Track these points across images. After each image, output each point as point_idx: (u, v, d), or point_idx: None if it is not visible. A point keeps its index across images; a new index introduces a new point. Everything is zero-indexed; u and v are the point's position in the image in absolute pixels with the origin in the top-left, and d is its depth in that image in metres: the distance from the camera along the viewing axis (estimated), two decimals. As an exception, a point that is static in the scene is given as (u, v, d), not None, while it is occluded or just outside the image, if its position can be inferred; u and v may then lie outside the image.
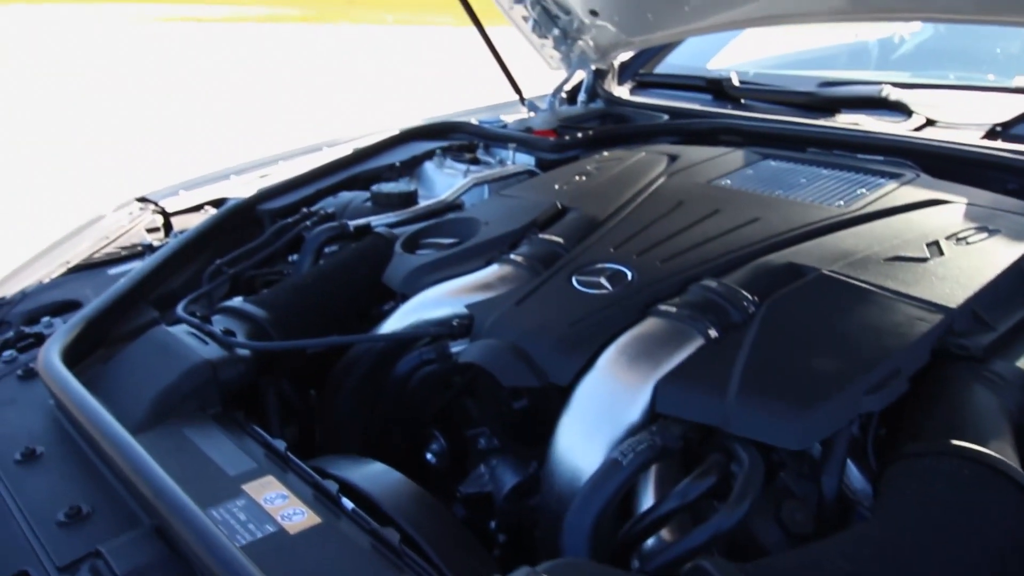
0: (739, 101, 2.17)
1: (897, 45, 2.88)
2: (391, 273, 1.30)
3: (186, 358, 1.07)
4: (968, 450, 0.80)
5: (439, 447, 1.22)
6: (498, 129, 2.03)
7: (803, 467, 0.90)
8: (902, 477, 0.81)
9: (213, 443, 0.97)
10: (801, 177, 1.47)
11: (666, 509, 0.84)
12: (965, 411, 0.88)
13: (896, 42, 2.89)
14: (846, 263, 1.10)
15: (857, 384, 0.87)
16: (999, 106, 1.74)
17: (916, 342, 0.93)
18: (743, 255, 1.16)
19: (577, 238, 1.29)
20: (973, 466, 0.79)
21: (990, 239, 1.16)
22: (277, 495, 0.86)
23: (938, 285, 1.03)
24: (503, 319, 1.09)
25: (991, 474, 0.78)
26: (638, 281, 1.12)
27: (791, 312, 1.01)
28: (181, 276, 1.45)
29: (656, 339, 1.00)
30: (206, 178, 1.90)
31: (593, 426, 0.95)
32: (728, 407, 0.88)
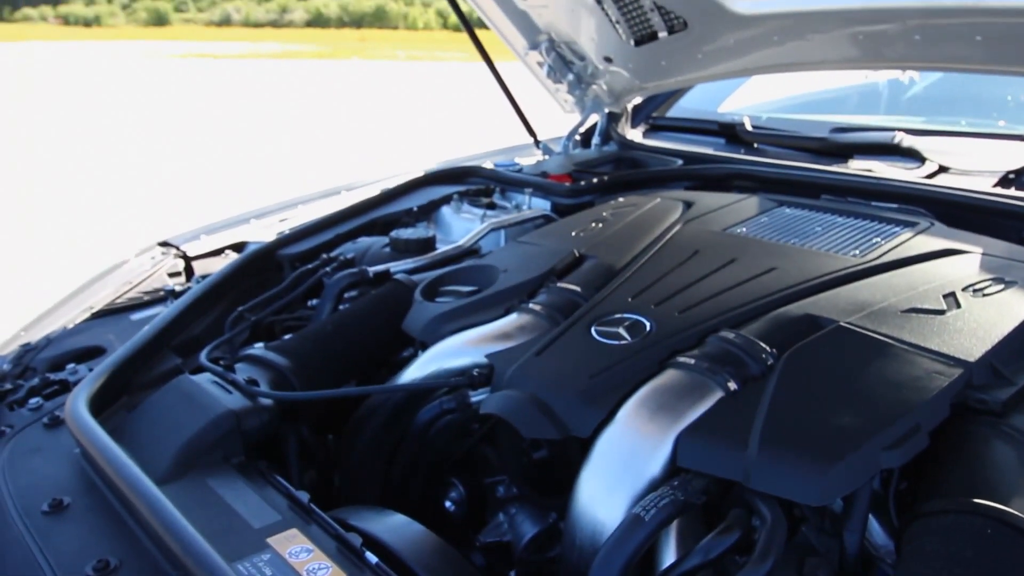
0: (752, 145, 2.20)
1: (907, 87, 2.91)
2: (411, 321, 1.32)
3: (210, 408, 1.08)
4: (991, 508, 0.80)
5: (458, 495, 1.23)
6: (514, 174, 2.06)
7: (824, 523, 0.91)
8: (924, 535, 0.81)
9: (237, 495, 0.98)
10: (816, 225, 1.49)
11: (689, 566, 0.84)
12: (986, 467, 0.88)
13: (906, 83, 2.93)
14: (863, 315, 1.11)
15: (877, 440, 0.88)
16: (1012, 153, 1.75)
17: (935, 397, 0.94)
18: (760, 306, 1.17)
19: (595, 287, 1.30)
20: (995, 525, 0.79)
21: (1007, 291, 1.17)
22: (302, 549, 0.87)
23: (956, 338, 1.04)
24: (523, 370, 1.10)
25: (1014, 533, 0.78)
26: (656, 332, 1.13)
27: (810, 365, 1.02)
28: (203, 322, 1.47)
29: (676, 391, 1.01)
30: (227, 222, 1.93)
31: (614, 479, 0.96)
32: (749, 462, 0.88)
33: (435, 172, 2.07)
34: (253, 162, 8.18)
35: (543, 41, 2.30)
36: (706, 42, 1.99)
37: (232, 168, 7.93)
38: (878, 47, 1.75)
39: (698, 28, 1.92)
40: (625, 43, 2.11)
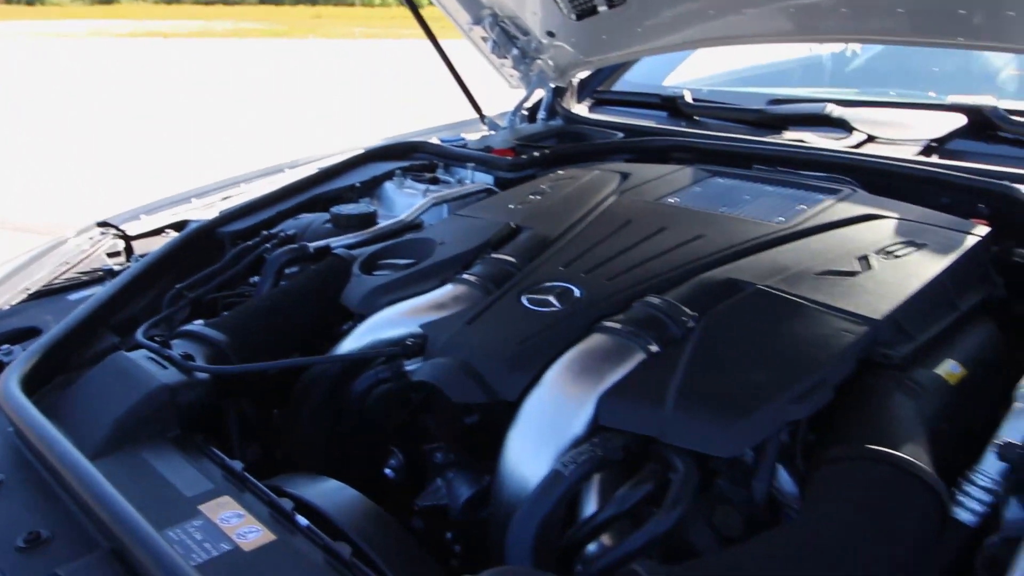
0: (692, 118, 2.24)
1: (849, 60, 2.98)
2: (348, 294, 1.34)
3: (144, 383, 1.09)
4: (884, 454, 0.86)
5: (397, 462, 1.26)
6: (457, 149, 2.07)
7: (737, 474, 0.95)
8: (824, 480, 0.86)
9: (171, 466, 0.99)
10: (745, 194, 1.53)
11: (605, 516, 0.88)
12: (885, 418, 0.94)
13: (848, 56, 2.99)
14: (781, 278, 1.16)
15: (784, 394, 0.93)
16: (936, 123, 1.82)
17: (841, 353, 0.99)
18: (686, 271, 1.21)
19: (529, 257, 1.33)
20: (888, 469, 0.84)
21: (916, 253, 1.22)
22: (233, 514, 0.89)
23: (865, 298, 1.09)
24: (454, 338, 1.13)
25: (903, 476, 0.84)
26: (585, 299, 1.17)
27: (727, 326, 1.07)
28: (142, 301, 1.47)
29: (600, 355, 1.05)
30: (167, 201, 1.92)
31: (539, 439, 0.99)
32: (665, 418, 0.93)
33: (378, 148, 2.08)
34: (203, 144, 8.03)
35: (486, 16, 2.31)
36: (645, 16, 2.01)
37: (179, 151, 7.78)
38: (810, 20, 1.80)
39: (637, 2, 1.95)
40: (567, 17, 2.13)
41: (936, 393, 1.00)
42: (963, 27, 1.57)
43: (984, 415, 0.98)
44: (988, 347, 1.16)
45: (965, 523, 0.88)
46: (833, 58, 3.03)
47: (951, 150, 1.76)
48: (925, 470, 0.85)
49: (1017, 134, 1.73)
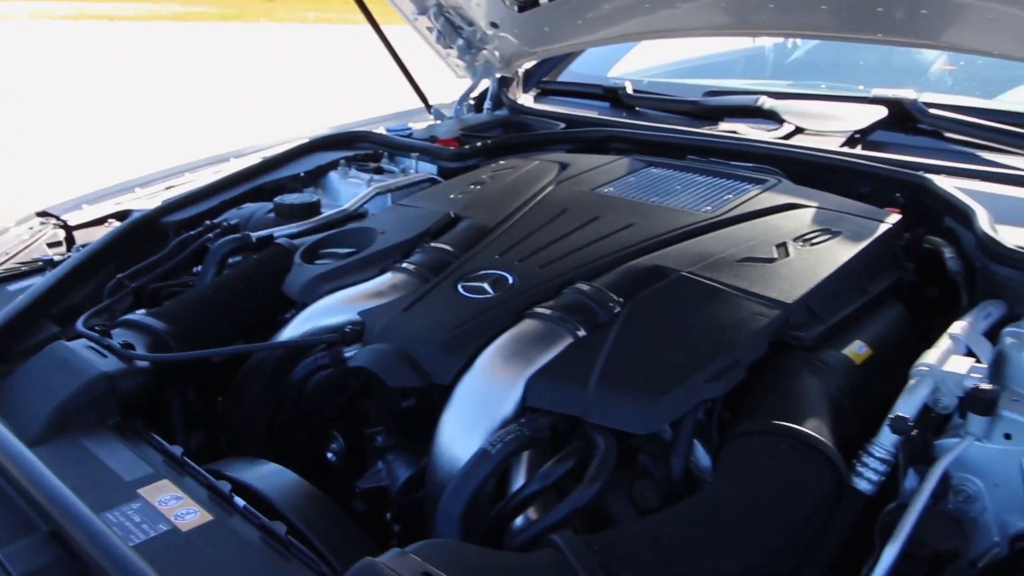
0: (633, 109, 2.29)
1: (790, 52, 3.07)
2: (290, 283, 1.37)
3: (84, 372, 1.11)
4: (787, 428, 0.92)
5: (338, 446, 1.29)
6: (401, 139, 2.10)
7: (656, 449, 1.01)
8: (732, 453, 0.93)
9: (111, 452, 1.02)
10: (677, 184, 1.60)
11: (530, 491, 0.93)
12: (791, 395, 1.00)
13: (789, 48, 3.08)
14: (704, 265, 1.22)
15: (700, 374, 0.99)
16: (860, 115, 1.90)
17: (755, 335, 1.05)
18: (615, 259, 1.27)
19: (466, 246, 1.37)
20: (790, 442, 0.91)
21: (831, 240, 1.30)
22: (171, 497, 0.92)
23: (780, 283, 1.16)
24: (391, 325, 1.17)
25: (804, 448, 0.91)
26: (518, 286, 1.22)
27: (650, 311, 1.12)
28: (83, 290, 1.48)
29: (529, 339, 1.10)
30: (109, 191, 1.91)
31: (471, 421, 1.04)
32: (587, 399, 0.98)
33: (323, 138, 2.09)
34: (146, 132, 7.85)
35: (431, 6, 2.33)
36: (585, 9, 2.06)
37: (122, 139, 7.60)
38: (742, 15, 1.86)
39: (576, -5, 1.99)
40: (509, 9, 2.16)
41: (841, 372, 1.08)
42: (882, 23, 1.65)
43: (889, 391, 1.06)
44: (895, 328, 1.24)
45: (862, 491, 0.95)
46: (775, 50, 3.12)
47: (873, 141, 1.85)
48: (824, 443, 0.92)
49: (934, 126, 1.82)
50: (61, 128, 8.13)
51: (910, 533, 0.88)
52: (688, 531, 0.82)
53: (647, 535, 0.82)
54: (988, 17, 1.49)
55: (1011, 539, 0.95)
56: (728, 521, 0.84)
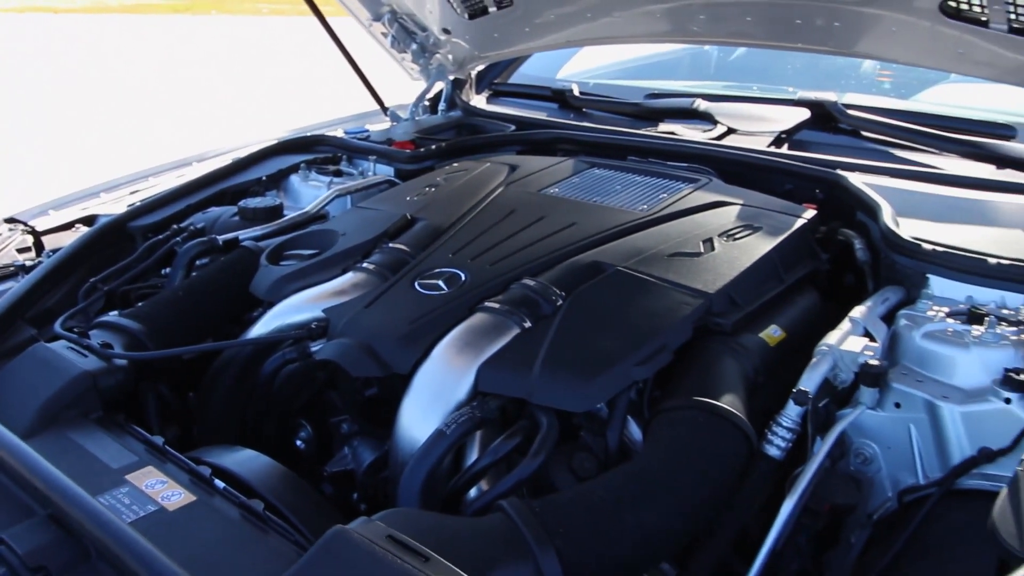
0: (580, 110, 2.42)
1: (731, 53, 3.22)
2: (257, 283, 1.46)
3: (66, 371, 1.19)
4: (705, 403, 1.06)
5: (307, 434, 1.40)
6: (359, 142, 2.19)
7: (594, 426, 1.14)
8: (657, 426, 1.06)
9: (97, 443, 1.11)
10: (617, 184, 1.72)
11: (482, 464, 1.05)
12: (711, 375, 1.14)
13: (730, 51, 3.23)
14: (637, 260, 1.35)
15: (630, 358, 1.11)
16: (786, 116, 2.05)
17: (680, 322, 1.18)
18: (558, 256, 1.39)
19: (422, 246, 1.48)
20: (707, 415, 1.04)
21: (753, 235, 1.43)
22: (157, 481, 1.02)
23: (704, 275, 1.29)
24: (354, 320, 1.27)
25: (719, 420, 1.04)
26: (470, 282, 1.33)
27: (589, 303, 1.25)
28: (56, 294, 1.55)
29: (480, 331, 1.21)
30: (76, 196, 1.97)
31: (428, 406, 1.15)
32: (532, 383, 1.10)
33: (283, 142, 2.17)
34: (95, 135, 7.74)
35: (385, 13, 2.42)
36: (532, 17, 2.17)
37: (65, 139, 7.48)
38: (677, 24, 1.99)
39: (523, 5, 2.10)
40: (461, 16, 2.26)
41: (757, 353, 1.21)
42: (802, 34, 1.80)
43: (802, 369, 1.19)
44: (809, 313, 1.38)
45: (772, 456, 1.09)
46: (718, 51, 3.27)
47: (798, 140, 2.00)
48: (736, 415, 1.05)
49: (852, 125, 1.97)
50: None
51: (809, 489, 1.02)
52: (617, 492, 0.95)
53: (582, 497, 0.95)
54: (891, 29, 1.64)
55: (900, 493, 1.09)
56: (652, 483, 0.96)
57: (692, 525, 0.98)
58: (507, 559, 0.86)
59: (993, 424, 1.05)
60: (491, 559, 0.85)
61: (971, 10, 1.52)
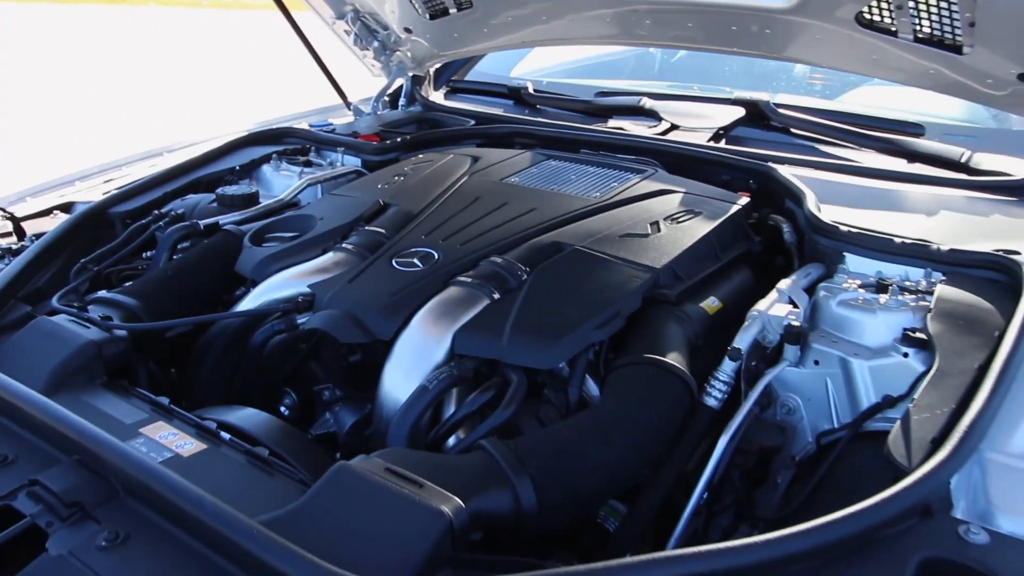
0: (534, 106, 2.57)
1: (674, 54, 3.42)
2: (242, 263, 1.57)
3: (73, 340, 1.29)
4: (653, 359, 1.22)
5: (291, 401, 1.51)
6: (328, 135, 2.30)
7: (557, 383, 1.29)
8: (612, 379, 1.22)
9: (107, 403, 1.21)
10: (572, 174, 1.88)
11: (459, 415, 1.20)
12: (658, 337, 1.30)
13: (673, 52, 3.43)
14: (593, 240, 1.51)
15: (588, 323, 1.27)
16: (724, 114, 2.24)
17: (631, 293, 1.35)
18: (521, 237, 1.54)
19: (396, 228, 1.61)
20: (653, 368, 1.21)
21: (694, 219, 1.61)
22: (169, 433, 1.13)
23: (652, 253, 1.46)
24: (339, 294, 1.40)
25: (665, 373, 1.21)
26: (443, 260, 1.47)
27: (550, 277, 1.40)
28: (44, 275, 1.63)
29: (455, 302, 1.35)
30: (52, 184, 2.04)
31: (409, 368, 1.29)
32: (503, 345, 1.25)
33: (254, 133, 2.27)
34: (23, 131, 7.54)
35: (348, 12, 2.53)
36: (489, 18, 2.31)
37: None
38: (625, 28, 2.16)
39: (482, 7, 2.25)
40: (422, 16, 2.39)
41: (698, 320, 1.38)
42: (738, 39, 1.99)
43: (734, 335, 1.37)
44: (742, 287, 1.56)
45: (710, 406, 1.26)
46: (663, 52, 3.47)
47: (734, 136, 2.19)
48: (681, 369, 1.22)
49: (782, 123, 2.18)
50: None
51: (740, 431, 1.19)
52: (580, 433, 1.10)
53: (550, 438, 1.10)
54: (816, 36, 1.84)
55: (818, 436, 1.27)
56: (610, 425, 1.12)
57: (643, 460, 1.15)
58: (489, 487, 1.00)
59: (894, 375, 1.24)
60: (475, 486, 0.99)
61: (882, 21, 1.73)
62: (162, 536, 0.93)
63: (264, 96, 6.23)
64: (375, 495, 0.95)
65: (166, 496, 0.93)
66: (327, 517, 0.94)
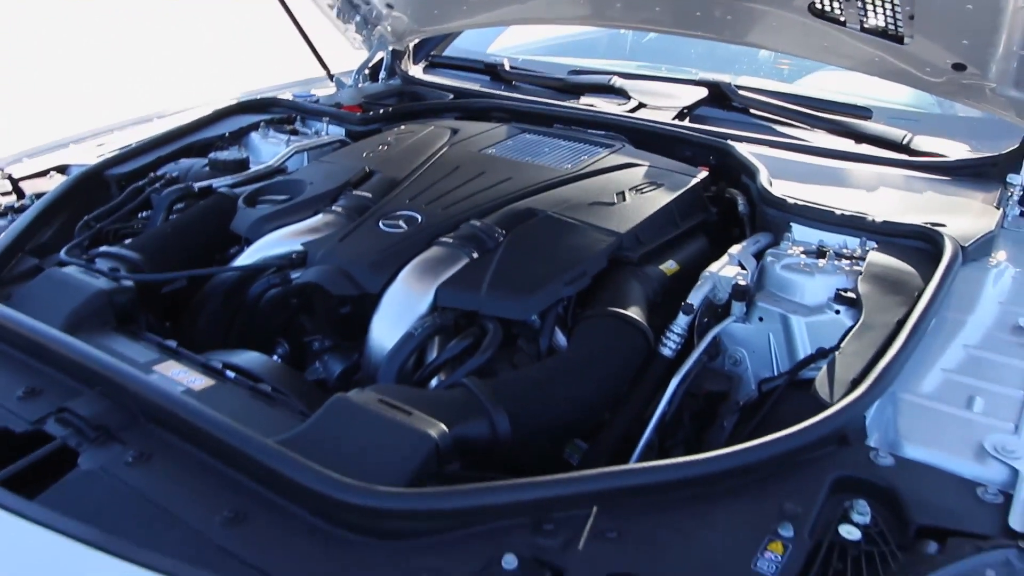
0: (510, 83, 2.69)
1: (644, 36, 3.55)
2: (238, 222, 1.69)
3: (85, 288, 1.41)
4: (616, 312, 1.37)
5: (283, 351, 1.64)
6: (313, 105, 2.40)
7: (529, 333, 1.43)
8: (580, 329, 1.37)
9: (120, 344, 1.33)
10: (545, 147, 2.02)
11: (441, 359, 1.34)
12: (621, 293, 1.45)
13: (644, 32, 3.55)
14: (564, 207, 1.65)
15: (559, 279, 1.41)
16: (688, 94, 2.38)
17: (597, 254, 1.49)
18: (498, 203, 1.67)
19: (382, 193, 1.74)
20: (615, 320, 1.36)
21: (656, 190, 1.76)
22: (180, 371, 1.26)
23: (617, 220, 1.60)
24: (330, 251, 1.53)
25: (626, 324, 1.36)
26: (426, 223, 1.60)
27: (525, 239, 1.54)
28: (47, 231, 1.73)
29: (437, 260, 1.49)
30: (48, 146, 2.12)
31: (395, 319, 1.43)
32: (481, 298, 1.39)
33: (242, 102, 2.37)
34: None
35: (332, -15, 2.62)
36: (469, -4, 2.43)
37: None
38: (597, 10, 2.29)
39: (462, -16, 2.36)
40: (403, -8, 2.50)
41: (657, 280, 1.54)
42: (702, 24, 2.13)
43: None
44: (698, 253, 1.71)
45: (665, 356, 1.42)
46: (633, 35, 3.60)
47: (697, 115, 2.34)
48: (640, 321, 1.37)
49: (742, 104, 2.33)
50: None
51: (691, 376, 1.35)
52: (551, 373, 1.25)
53: (524, 376, 1.25)
54: (772, 23, 1.99)
55: (760, 383, 1.43)
56: (576, 367, 1.27)
57: (604, 399, 1.30)
58: (469, 417, 1.14)
59: (827, 330, 1.40)
60: (457, 416, 1.13)
61: (832, 11, 1.88)
62: (183, 455, 1.06)
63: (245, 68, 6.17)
64: (370, 421, 1.08)
65: (187, 419, 1.05)
66: (327, 440, 1.07)
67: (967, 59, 1.76)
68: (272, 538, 0.93)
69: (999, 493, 0.97)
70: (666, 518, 0.94)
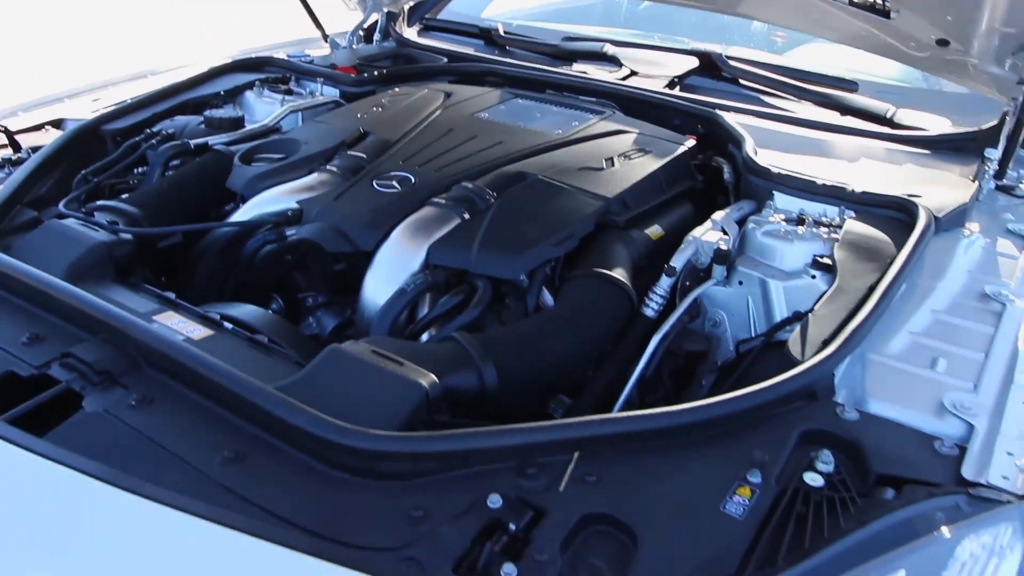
0: (504, 48, 2.71)
1: (638, 4, 3.56)
2: (234, 179, 1.72)
3: (85, 240, 1.44)
4: (601, 273, 1.42)
5: (278, 306, 1.68)
6: (308, 65, 2.42)
7: (518, 292, 1.48)
8: (566, 288, 1.42)
9: (121, 295, 1.37)
10: (537, 112, 2.05)
11: (432, 315, 1.39)
12: (607, 255, 1.50)
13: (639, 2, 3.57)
14: (554, 171, 1.69)
15: (547, 241, 1.46)
16: (679, 63, 2.41)
17: (585, 217, 1.54)
18: (490, 166, 1.71)
19: (376, 154, 1.77)
20: (601, 280, 1.41)
21: (644, 157, 1.80)
22: (179, 321, 1.30)
23: (605, 184, 1.65)
24: (325, 209, 1.56)
25: (610, 284, 1.41)
26: (419, 183, 1.64)
27: (515, 201, 1.58)
28: (45, 184, 1.75)
29: (430, 220, 1.53)
30: (43, 100, 2.13)
31: (388, 276, 1.47)
32: (471, 257, 1.43)
33: (237, 61, 2.38)
34: None
35: (328, -55, 2.62)
36: (465, -41, 2.43)
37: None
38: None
39: (458, -52, 2.37)
40: (399, -46, 2.50)
41: (642, 244, 1.59)
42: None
43: None
44: (683, 219, 1.75)
45: (648, 316, 1.47)
46: (628, 2, 3.61)
47: (688, 84, 2.37)
48: (624, 282, 1.43)
49: (732, 74, 2.36)
50: None
51: (671, 335, 1.41)
52: (538, 329, 1.31)
53: (511, 331, 1.31)
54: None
55: (737, 344, 1.49)
56: (562, 323, 1.33)
57: (588, 355, 1.35)
58: (459, 368, 1.20)
59: (803, 294, 1.45)
60: (447, 367, 1.18)
61: (822, -16, 1.91)
62: (184, 399, 1.10)
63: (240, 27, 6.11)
64: (363, 370, 1.13)
65: (188, 365, 1.10)
66: (322, 387, 1.12)
67: (951, 35, 1.80)
68: (271, 477, 0.99)
69: (955, 447, 1.03)
70: (643, 464, 1.00)
